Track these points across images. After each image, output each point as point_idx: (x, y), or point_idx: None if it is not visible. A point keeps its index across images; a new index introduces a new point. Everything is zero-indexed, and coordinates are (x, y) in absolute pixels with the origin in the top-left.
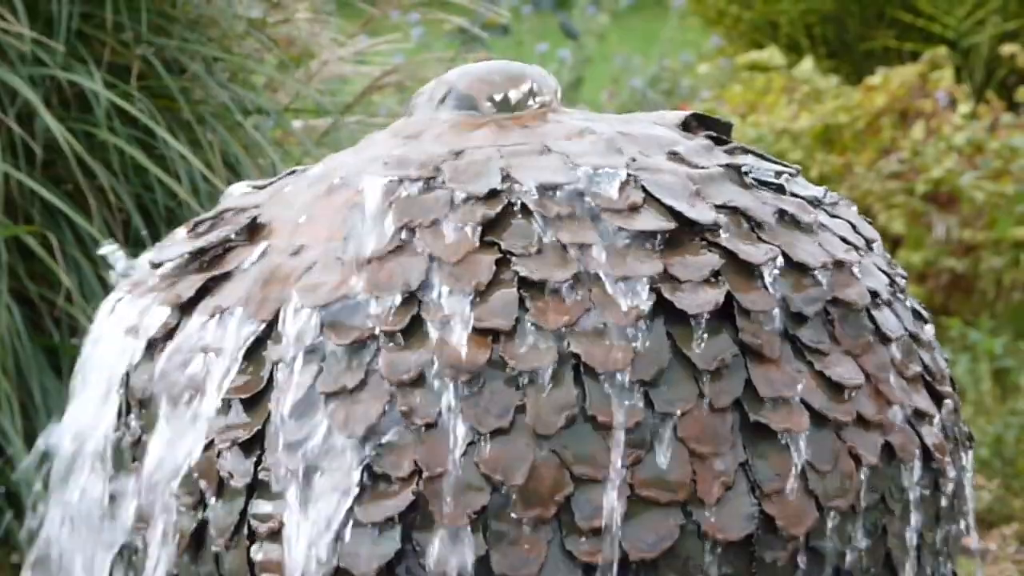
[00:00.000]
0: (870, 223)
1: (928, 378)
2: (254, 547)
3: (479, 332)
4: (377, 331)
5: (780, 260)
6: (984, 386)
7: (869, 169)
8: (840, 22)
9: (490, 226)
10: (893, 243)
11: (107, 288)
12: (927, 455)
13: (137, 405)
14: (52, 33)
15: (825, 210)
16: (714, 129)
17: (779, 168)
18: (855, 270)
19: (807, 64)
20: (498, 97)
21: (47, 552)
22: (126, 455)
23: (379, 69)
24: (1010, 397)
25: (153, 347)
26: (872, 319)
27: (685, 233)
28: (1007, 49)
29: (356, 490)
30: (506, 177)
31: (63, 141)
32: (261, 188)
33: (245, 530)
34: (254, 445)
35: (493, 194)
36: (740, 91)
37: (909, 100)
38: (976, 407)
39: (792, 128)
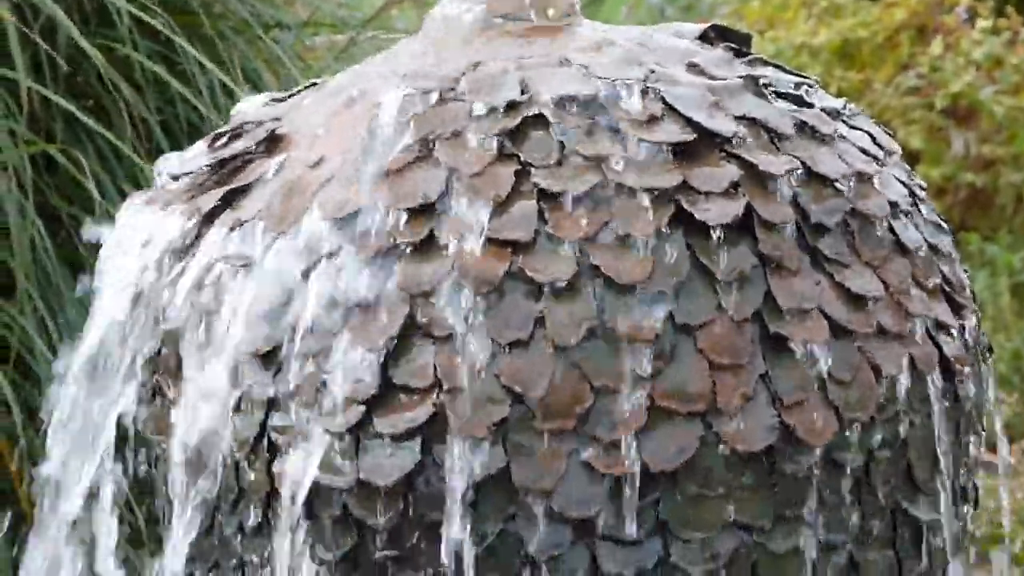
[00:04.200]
0: (890, 135)
1: (948, 289)
2: (274, 459)
3: (498, 243)
4: (396, 243)
5: (800, 171)
6: (1003, 301)
7: (887, 85)
8: None
9: (509, 138)
10: (911, 159)
11: None
12: (948, 366)
13: (158, 318)
14: None
15: (844, 121)
16: (733, 41)
17: (798, 79)
18: (875, 181)
19: None
20: (519, 8)
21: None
22: (148, 369)
23: None
24: None
25: (173, 259)
26: (892, 230)
27: (704, 144)
28: None
29: (375, 402)
30: (525, 89)
31: (90, 52)
32: (280, 101)
33: (265, 442)
34: (274, 357)
35: (512, 106)
36: (759, 6)
37: (928, 15)
38: (995, 322)
39: (811, 43)
